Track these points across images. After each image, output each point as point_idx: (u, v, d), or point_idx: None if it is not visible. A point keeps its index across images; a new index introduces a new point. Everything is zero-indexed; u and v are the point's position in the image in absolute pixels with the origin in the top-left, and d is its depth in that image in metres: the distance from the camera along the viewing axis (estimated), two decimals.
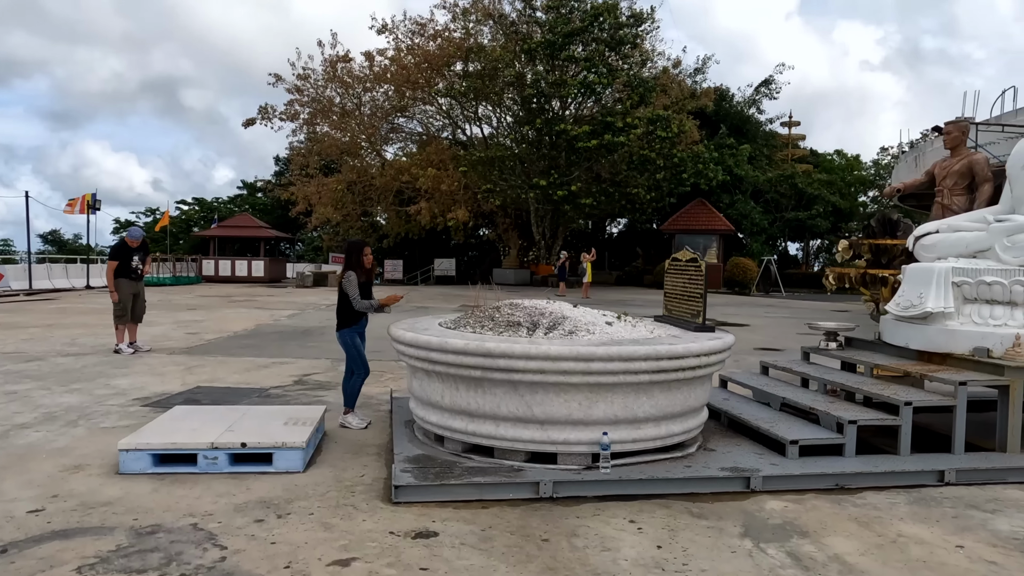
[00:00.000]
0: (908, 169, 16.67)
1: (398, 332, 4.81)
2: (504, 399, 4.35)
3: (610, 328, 4.82)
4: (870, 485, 4.43)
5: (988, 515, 3.99)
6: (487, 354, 4.23)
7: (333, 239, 38.07)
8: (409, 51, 32.32)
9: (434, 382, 4.65)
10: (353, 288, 5.48)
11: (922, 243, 6.28)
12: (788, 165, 40.72)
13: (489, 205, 31.64)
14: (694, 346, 4.40)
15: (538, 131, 29.24)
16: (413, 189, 32.14)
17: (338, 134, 34.19)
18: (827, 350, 6.47)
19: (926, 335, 5.60)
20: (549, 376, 4.19)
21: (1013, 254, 5.39)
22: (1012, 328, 5.22)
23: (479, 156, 29.45)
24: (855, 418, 4.77)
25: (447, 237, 37.98)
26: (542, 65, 29.51)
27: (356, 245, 5.72)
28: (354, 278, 5.51)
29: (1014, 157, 6.14)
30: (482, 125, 33.58)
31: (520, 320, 4.80)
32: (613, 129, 27.25)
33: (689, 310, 5.30)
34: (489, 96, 30.50)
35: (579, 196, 28.61)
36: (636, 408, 4.36)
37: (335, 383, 7.67)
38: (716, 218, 34.64)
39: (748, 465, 4.48)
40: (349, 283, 5.50)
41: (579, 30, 28.17)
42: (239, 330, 12.66)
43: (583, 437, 4.31)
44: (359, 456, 4.91)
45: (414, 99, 33.15)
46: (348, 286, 5.50)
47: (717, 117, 37.18)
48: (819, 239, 43.83)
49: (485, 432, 4.45)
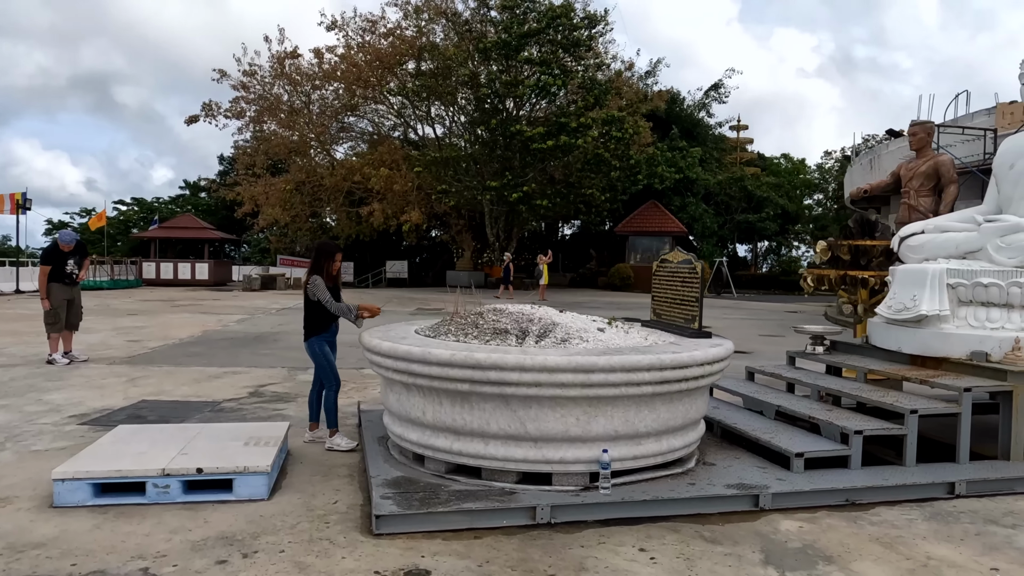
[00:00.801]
0: (863, 172, 16.86)
1: (372, 341, 4.37)
2: (494, 415, 3.95)
3: (603, 335, 4.47)
4: (881, 500, 4.18)
5: (1010, 531, 3.77)
6: (476, 365, 3.83)
7: (281, 241, 36.92)
8: (360, 49, 31.57)
9: (414, 396, 4.22)
10: (323, 291, 5.01)
11: (908, 244, 6.12)
12: (737, 168, 41.32)
13: (443, 206, 31.11)
14: (698, 354, 4.08)
15: (492, 132, 28.87)
16: (365, 190, 31.39)
17: (286, 133, 33.17)
18: (814, 354, 6.26)
19: (920, 339, 5.42)
20: (545, 389, 3.81)
21: (1008, 255, 5.25)
22: (1010, 331, 5.06)
23: (433, 157, 28.92)
24: (860, 428, 4.53)
25: (399, 239, 37.28)
26: (496, 65, 29.16)
27: (327, 249, 5.21)
28: (321, 282, 5.03)
29: (1001, 156, 6.03)
30: (435, 125, 33.07)
31: (507, 327, 4.41)
32: (568, 130, 27.08)
33: (683, 314, 4.99)
34: (442, 96, 29.99)
35: (534, 197, 28.34)
36: (637, 422, 4.02)
37: (295, 394, 7.14)
38: (669, 220, 34.84)
39: (754, 481, 4.18)
40: (316, 287, 5.03)
41: (535, 31, 27.92)
42: (185, 337, 11.93)
43: (581, 455, 3.95)
44: (329, 479, 4.45)
45: (365, 98, 32.39)
46: (316, 290, 5.03)
47: (669, 119, 37.44)
48: (767, 241, 44.59)
49: (472, 451, 4.04)
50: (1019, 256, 5.17)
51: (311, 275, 5.08)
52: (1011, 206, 5.78)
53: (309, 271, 5.14)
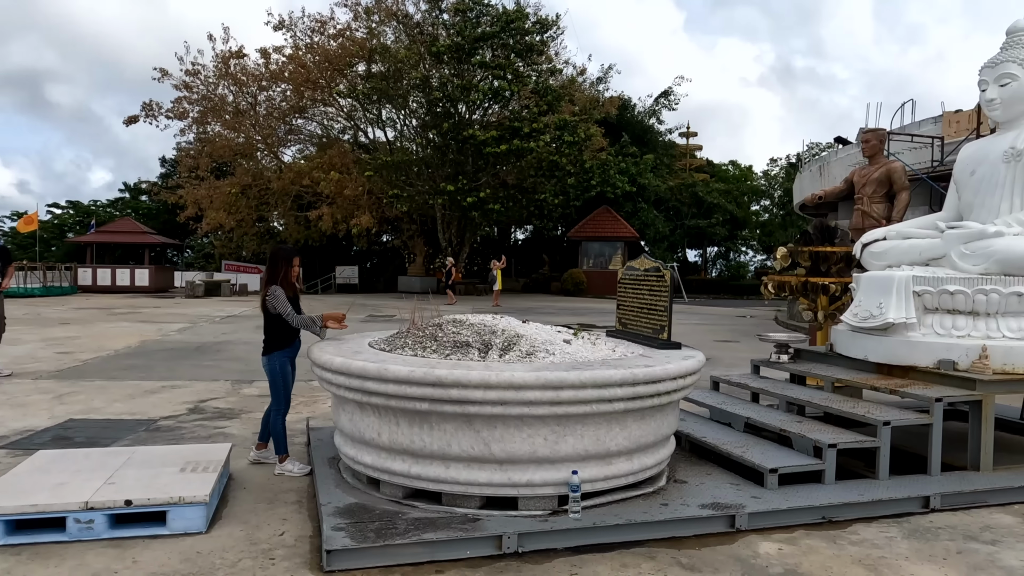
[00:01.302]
0: (812, 178, 17.10)
1: (324, 356, 4.04)
2: (456, 435, 3.67)
3: (570, 347, 4.23)
4: (857, 516, 4.03)
5: (991, 547, 3.65)
6: (437, 383, 3.54)
7: (226, 246, 35.77)
8: (308, 49, 30.85)
9: (368, 416, 3.91)
10: (283, 304, 4.60)
11: (871, 250, 6.06)
12: (687, 174, 41.83)
13: (395, 211, 30.59)
14: (671, 367, 3.87)
15: (445, 136, 28.52)
16: (313, 194, 30.64)
17: (231, 134, 32.17)
18: (779, 363, 6.15)
19: (887, 347, 5.33)
20: (511, 408, 3.55)
21: (972, 262, 5.19)
22: (976, 339, 5.00)
23: (384, 160, 28.41)
24: (834, 441, 4.39)
25: (349, 244, 36.57)
26: (449, 69, 28.84)
27: (284, 254, 4.76)
28: (281, 293, 4.61)
29: (961, 163, 6.01)
30: (386, 128, 32.51)
31: (469, 340, 4.13)
32: (521, 135, 26.94)
33: (651, 324, 4.79)
34: (393, 99, 29.50)
35: (487, 202, 28.08)
36: (608, 440, 3.78)
37: (239, 410, 6.72)
38: (621, 226, 35.01)
39: (729, 500, 3.98)
40: (276, 299, 4.60)
41: (488, 35, 27.71)
42: (121, 348, 11.28)
43: (549, 477, 3.69)
44: (275, 506, 4.09)
45: (314, 100, 31.65)
46: (275, 302, 4.60)
47: (620, 125, 37.66)
48: (716, 246, 45.24)
49: (432, 475, 3.75)
50: (984, 263, 5.12)
51: (268, 285, 4.64)
52: (972, 213, 5.75)
53: (266, 280, 4.69)
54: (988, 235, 5.16)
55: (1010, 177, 5.48)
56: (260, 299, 4.72)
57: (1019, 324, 5.00)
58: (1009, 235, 5.12)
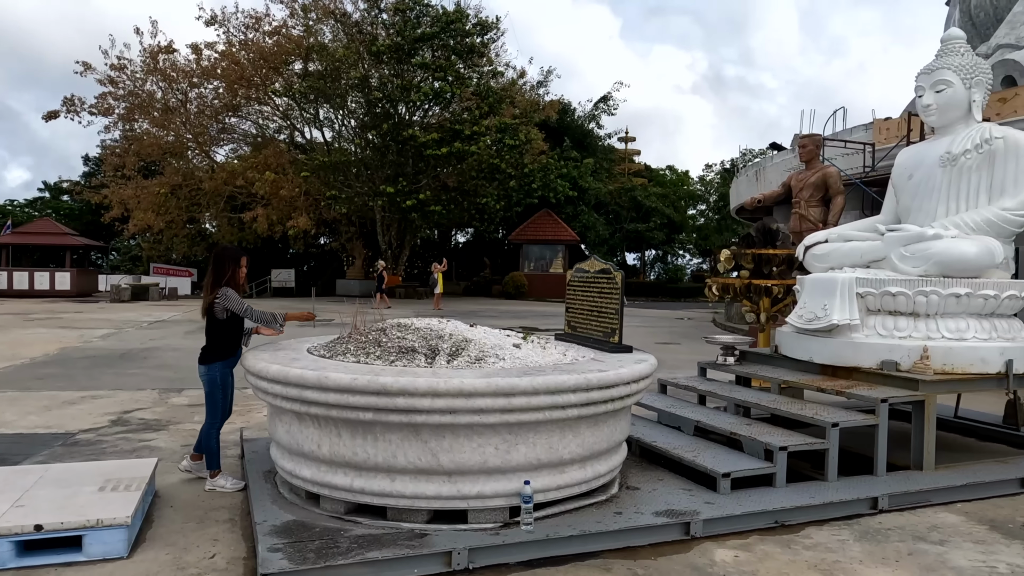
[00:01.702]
0: (748, 183, 17.45)
1: (258, 364, 3.78)
2: (402, 446, 3.47)
3: (520, 352, 4.08)
4: (809, 520, 4.01)
5: (939, 548, 3.67)
6: (382, 391, 3.34)
7: (155, 248, 34.35)
8: (243, 46, 29.91)
9: (308, 427, 3.67)
10: (239, 301, 4.32)
11: (813, 252, 6.12)
12: (626, 179, 42.36)
13: (333, 213, 29.93)
14: (625, 372, 3.77)
15: (384, 137, 28.05)
16: (248, 194, 29.71)
17: (160, 132, 30.89)
18: (725, 365, 6.14)
19: (831, 348, 5.37)
20: (461, 416, 3.37)
21: (912, 264, 5.28)
22: (917, 340, 5.08)
23: (322, 161, 27.75)
24: (785, 444, 4.36)
25: (285, 246, 35.65)
26: (388, 69, 28.40)
27: (231, 255, 4.46)
28: (233, 293, 4.34)
29: (899, 168, 6.13)
30: (324, 129, 31.82)
31: (415, 345, 3.94)
32: (462, 137, 26.74)
33: (601, 327, 4.68)
34: (331, 98, 28.87)
35: (428, 204, 27.75)
36: (561, 448, 3.65)
37: (167, 420, 6.34)
38: (562, 229, 35.16)
39: (683, 506, 3.90)
40: (228, 299, 4.31)
41: (428, 36, 27.41)
42: (38, 356, 10.60)
43: (500, 488, 3.53)
44: (205, 525, 3.81)
45: (248, 98, 30.68)
46: (230, 303, 4.31)
47: (560, 129, 37.84)
48: (655, 250, 45.93)
49: (377, 489, 3.54)
50: (923, 265, 5.21)
51: (216, 288, 4.32)
52: (910, 216, 5.87)
53: (211, 284, 4.35)
54: (927, 238, 5.26)
55: (946, 181, 5.61)
56: (203, 304, 4.38)
57: (957, 325, 5.10)
58: (947, 238, 5.22)
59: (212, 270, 4.39)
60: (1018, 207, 5.33)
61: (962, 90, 5.59)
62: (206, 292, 4.38)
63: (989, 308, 5.14)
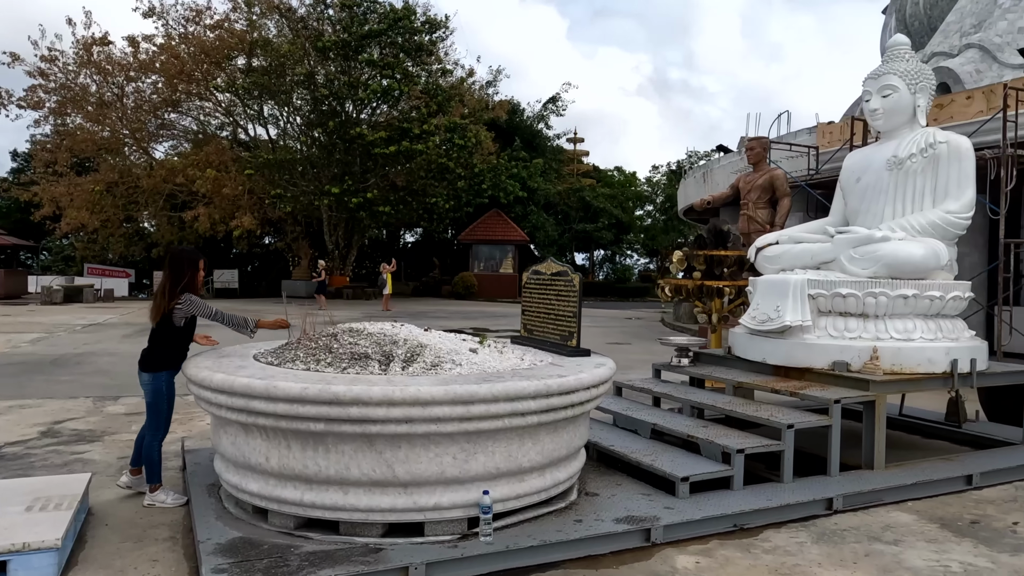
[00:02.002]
0: (696, 185, 17.67)
1: (201, 373, 3.58)
2: (356, 458, 3.32)
3: (477, 357, 3.97)
4: (767, 522, 4.01)
5: (895, 548, 3.70)
6: (334, 401, 3.19)
7: (89, 248, 33.00)
8: (183, 40, 28.97)
9: (255, 439, 3.49)
10: (205, 306, 4.15)
11: (765, 254, 6.17)
12: (575, 179, 42.60)
13: (278, 212, 29.25)
14: (585, 376, 3.70)
15: (331, 135, 27.56)
16: (188, 193, 28.79)
17: (95, 127, 29.66)
18: (680, 366, 6.15)
19: (784, 349, 5.41)
20: (417, 426, 3.25)
21: (861, 265, 5.36)
22: (867, 341, 5.16)
23: (266, 159, 27.10)
24: (742, 446, 4.36)
25: (228, 246, 34.66)
26: (335, 66, 27.90)
27: (190, 257, 4.23)
28: (197, 299, 4.14)
29: (847, 171, 6.23)
30: (268, 126, 31.07)
31: (368, 352, 3.79)
32: (410, 136, 26.46)
33: (558, 331, 4.61)
34: (276, 95, 28.21)
35: (375, 204, 27.38)
36: (521, 456, 3.55)
37: (102, 431, 6.02)
38: (512, 229, 35.15)
39: (643, 512, 3.85)
40: (194, 305, 4.11)
41: (376, 33, 27.02)
42: None
43: (458, 499, 3.42)
44: (144, 545, 3.59)
45: (188, 93, 29.72)
46: (195, 308, 4.12)
47: (510, 130, 37.83)
48: (603, 250, 46.33)
49: (329, 502, 3.38)
50: (872, 267, 5.29)
51: (172, 292, 4.09)
52: (858, 218, 5.96)
53: (168, 288, 4.10)
54: (875, 240, 5.34)
55: (893, 184, 5.72)
56: (156, 308, 4.11)
57: (905, 326, 5.20)
58: (894, 240, 5.32)
59: (170, 274, 4.15)
60: (961, 210, 5.47)
61: (907, 95, 5.70)
62: (161, 297, 4.12)
63: (935, 309, 5.26)
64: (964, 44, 13.15)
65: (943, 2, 16.40)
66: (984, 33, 13.14)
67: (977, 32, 13.41)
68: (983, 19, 13.62)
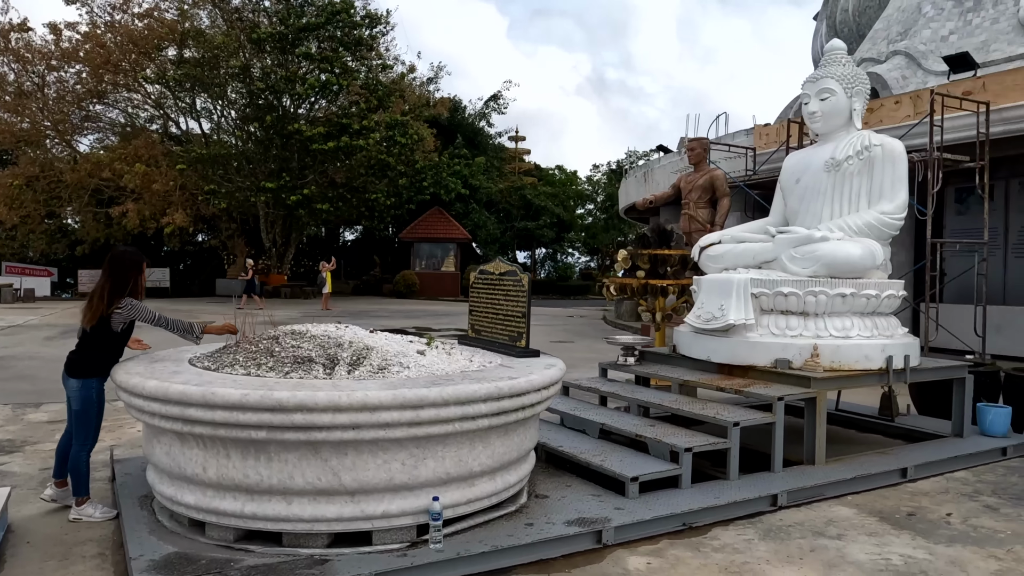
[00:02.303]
0: (637, 184, 17.90)
1: (133, 379, 3.39)
2: (300, 466, 3.19)
3: (424, 360, 3.88)
4: (715, 520, 4.04)
5: (838, 542, 3.77)
6: (277, 407, 3.05)
7: (8, 245, 31.33)
8: (109, 28, 27.76)
9: (191, 448, 3.32)
10: (148, 311, 3.93)
11: (708, 253, 6.24)
12: (516, 178, 42.66)
13: (212, 208, 28.33)
14: (536, 378, 3.65)
15: (267, 129, 26.81)
16: (116, 188, 27.61)
17: (13, 118, 28.14)
18: (626, 365, 6.17)
19: (728, 347, 5.48)
20: (364, 432, 3.14)
21: (801, 265, 5.47)
22: (808, 339, 5.27)
23: (199, 154, 26.19)
24: (690, 445, 4.39)
25: (159, 243, 33.42)
26: (272, 59, 27.19)
27: (133, 260, 4.02)
28: (141, 304, 3.94)
29: (786, 171, 6.36)
30: (201, 119, 30.06)
31: (312, 355, 3.65)
32: (350, 132, 26.00)
33: (507, 331, 4.55)
34: (209, 87, 27.31)
35: (314, 201, 26.80)
36: (471, 461, 3.48)
37: (23, 441, 5.68)
38: (454, 227, 34.96)
39: (594, 514, 3.83)
40: (137, 310, 3.90)
41: (314, 26, 26.44)
42: None
43: (407, 506, 3.33)
44: (69, 562, 3.37)
45: (116, 84, 28.49)
46: (137, 313, 3.90)
47: (452, 127, 37.62)
48: (545, 248, 46.55)
49: (271, 513, 3.24)
50: (812, 266, 5.41)
51: (112, 297, 3.85)
52: (798, 218, 6.09)
53: (107, 292, 3.86)
54: (815, 240, 5.46)
55: (830, 185, 5.86)
56: (92, 312, 3.86)
57: (843, 323, 5.33)
58: (833, 240, 5.45)
59: (110, 277, 3.91)
60: (895, 211, 5.64)
61: (844, 99, 5.85)
62: (99, 300, 3.87)
63: (871, 307, 5.41)
64: (891, 51, 13.66)
65: (871, 10, 17.03)
66: (909, 41, 13.69)
67: (903, 40, 13.96)
68: (908, 27, 14.18)
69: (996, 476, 5.03)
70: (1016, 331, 10.03)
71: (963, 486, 4.80)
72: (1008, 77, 9.45)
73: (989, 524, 4.07)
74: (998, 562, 3.55)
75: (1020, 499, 4.52)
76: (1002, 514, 4.23)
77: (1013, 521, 4.12)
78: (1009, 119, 9.15)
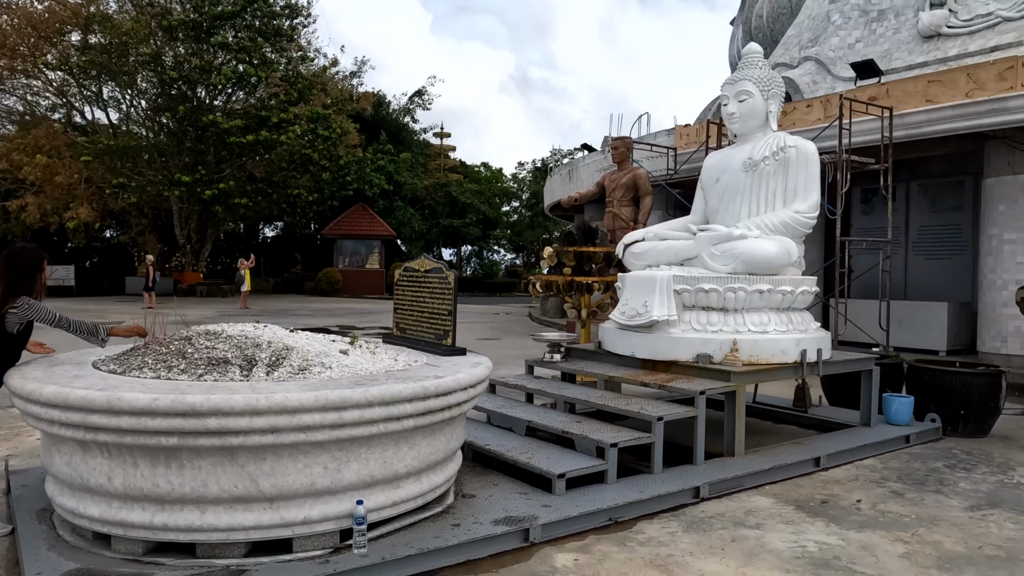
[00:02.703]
0: (562, 182, 18.05)
1: (29, 385, 3.15)
2: (214, 473, 3.04)
3: (348, 359, 3.77)
4: (640, 514, 4.09)
5: (757, 532, 3.88)
6: (189, 412, 2.90)
7: None
8: (5, 10, 26.06)
9: (95, 458, 3.12)
10: (47, 311, 3.65)
11: (632, 251, 6.33)
12: (442, 174, 42.42)
13: (121, 203, 26.99)
14: (462, 377, 3.60)
15: (181, 121, 25.75)
16: (14, 180, 25.95)
17: None
18: (553, 362, 6.19)
19: (652, 343, 5.57)
20: (284, 435, 3.02)
21: (722, 262, 5.61)
22: (727, 334, 5.41)
23: (106, 145, 24.89)
24: (615, 441, 4.43)
25: (63, 240, 31.63)
26: (185, 47, 26.10)
27: (34, 257, 3.75)
28: (38, 304, 3.66)
29: (707, 171, 6.51)
30: (108, 109, 28.58)
31: (228, 356, 3.49)
32: (269, 125, 25.25)
33: (433, 330, 4.48)
34: (117, 75, 25.98)
35: (232, 196, 25.90)
36: (396, 462, 3.40)
37: None
38: (378, 224, 34.45)
39: (521, 512, 3.81)
40: (34, 309, 3.62)
41: (230, 14, 25.51)
42: None
43: (330, 511, 3.22)
44: None
45: (13, 70, 26.78)
46: (37, 314, 3.63)
47: (375, 122, 37.06)
48: (470, 245, 46.48)
49: (184, 523, 3.08)
50: (732, 263, 5.55)
51: (14, 296, 3.59)
52: (718, 216, 6.25)
53: (3, 290, 3.59)
54: (734, 237, 5.61)
55: (748, 184, 6.03)
56: None
57: (760, 319, 5.50)
58: (751, 237, 5.61)
59: (6, 275, 3.64)
60: (808, 210, 5.86)
61: (761, 101, 6.03)
62: None
63: (786, 303, 5.60)
64: (802, 56, 14.24)
65: (784, 16, 17.69)
66: (819, 47, 14.29)
67: (814, 46, 14.56)
68: (818, 35, 14.80)
69: (901, 463, 5.29)
70: (916, 325, 10.63)
71: (871, 473, 5.02)
72: (909, 84, 9.98)
73: (895, 509, 4.27)
74: (904, 545, 3.72)
75: (923, 484, 4.76)
76: (907, 499, 4.45)
77: (917, 505, 4.34)
78: (909, 124, 9.67)
